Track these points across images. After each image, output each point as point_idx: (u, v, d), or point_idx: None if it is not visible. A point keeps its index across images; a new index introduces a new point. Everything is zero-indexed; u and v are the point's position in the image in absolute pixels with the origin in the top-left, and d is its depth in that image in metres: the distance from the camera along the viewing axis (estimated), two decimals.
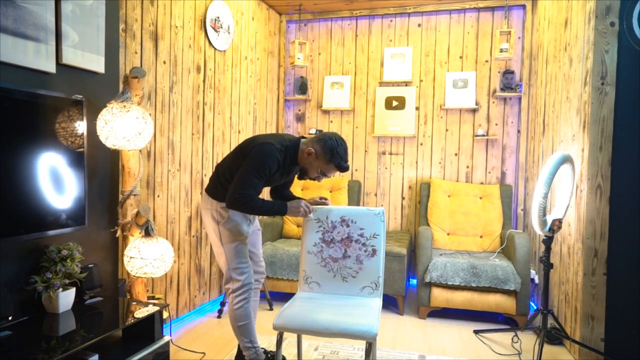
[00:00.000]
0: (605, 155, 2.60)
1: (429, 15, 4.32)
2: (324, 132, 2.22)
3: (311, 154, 2.14)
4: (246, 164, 2.07)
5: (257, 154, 2.07)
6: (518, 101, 4.10)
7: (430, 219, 3.92)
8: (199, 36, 3.22)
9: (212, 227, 2.23)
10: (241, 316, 2.24)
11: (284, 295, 3.75)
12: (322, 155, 2.13)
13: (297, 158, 2.20)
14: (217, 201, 2.19)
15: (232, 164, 2.17)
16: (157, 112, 2.81)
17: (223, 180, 2.18)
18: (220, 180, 2.19)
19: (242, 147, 2.19)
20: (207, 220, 2.25)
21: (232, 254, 2.21)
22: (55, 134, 1.89)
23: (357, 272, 2.23)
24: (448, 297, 3.29)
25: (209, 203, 2.22)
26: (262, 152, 2.07)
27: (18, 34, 1.76)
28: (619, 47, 2.56)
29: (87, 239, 2.14)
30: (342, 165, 2.15)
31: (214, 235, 2.23)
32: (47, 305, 1.90)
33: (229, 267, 2.22)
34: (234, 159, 2.19)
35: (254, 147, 2.09)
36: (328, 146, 2.12)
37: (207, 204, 2.24)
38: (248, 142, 2.18)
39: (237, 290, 2.23)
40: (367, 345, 1.91)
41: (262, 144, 2.09)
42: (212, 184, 2.24)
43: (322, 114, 4.59)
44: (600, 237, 2.61)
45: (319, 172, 2.20)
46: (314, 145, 2.15)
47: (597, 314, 2.62)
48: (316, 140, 2.16)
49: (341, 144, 2.15)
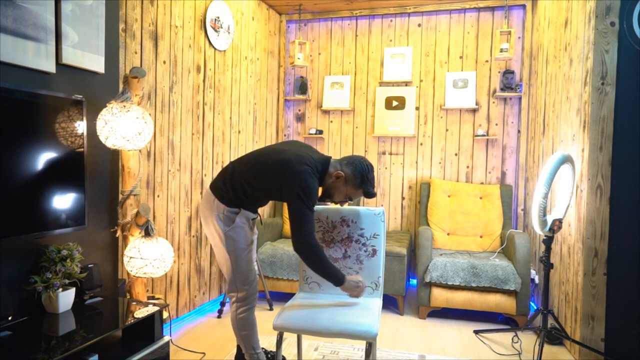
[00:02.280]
0: (605, 155, 2.60)
1: (429, 15, 4.31)
2: (352, 155, 2.11)
3: (340, 177, 2.04)
4: (294, 198, 1.90)
5: (299, 185, 1.90)
6: (518, 101, 4.10)
7: (430, 219, 3.92)
8: (199, 36, 3.22)
9: (216, 232, 2.08)
10: (245, 325, 2.17)
11: (284, 295, 3.75)
12: (351, 180, 2.04)
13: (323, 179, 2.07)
14: (225, 205, 2.05)
15: (257, 180, 2.03)
16: (157, 112, 2.81)
17: (239, 190, 2.04)
18: (236, 188, 2.05)
19: (269, 164, 2.00)
20: (211, 225, 2.10)
21: (238, 262, 2.09)
22: (55, 134, 1.89)
23: (357, 272, 2.23)
24: (448, 297, 3.29)
25: (214, 206, 2.07)
26: (307, 184, 1.91)
27: (18, 34, 1.76)
28: (619, 47, 2.56)
29: (87, 239, 2.14)
30: (371, 191, 2.07)
31: (218, 241, 2.09)
32: (47, 305, 1.90)
33: (234, 275, 2.11)
34: (258, 174, 2.03)
35: (293, 175, 1.92)
36: (359, 170, 2.03)
37: (211, 207, 2.08)
38: (280, 162, 1.97)
39: (242, 299, 2.15)
40: (367, 345, 1.91)
41: (302, 173, 1.92)
42: (224, 186, 2.07)
43: (322, 114, 4.59)
44: (600, 237, 2.61)
45: (344, 197, 2.09)
46: (343, 168, 2.05)
47: (597, 314, 2.62)
48: (346, 163, 2.06)
49: (371, 169, 2.07)
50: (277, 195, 2.08)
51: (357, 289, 2.05)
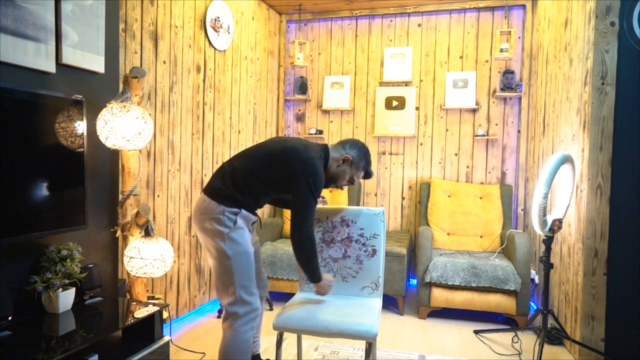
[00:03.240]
0: (605, 155, 2.60)
1: (429, 15, 4.31)
2: (349, 139, 2.14)
3: (347, 160, 2.05)
4: (300, 186, 1.87)
5: (308, 173, 1.87)
6: (518, 101, 4.10)
7: (430, 219, 3.92)
8: (199, 36, 3.22)
9: (216, 236, 1.90)
10: (245, 349, 1.91)
11: (284, 295, 3.75)
12: (357, 162, 2.07)
13: (327, 166, 2.06)
14: (225, 206, 1.90)
15: (264, 171, 1.94)
16: (157, 112, 2.81)
17: (243, 185, 1.93)
18: (239, 184, 1.93)
19: (276, 153, 1.95)
20: (209, 230, 1.92)
21: (241, 269, 1.90)
22: (55, 134, 1.89)
23: (357, 272, 2.23)
24: (448, 297, 3.29)
25: (211, 208, 1.91)
26: (317, 172, 1.89)
27: (18, 33, 1.76)
28: (619, 47, 2.56)
29: (87, 239, 2.14)
30: (370, 170, 2.12)
31: (220, 245, 1.89)
32: (47, 305, 1.90)
33: (237, 285, 1.89)
34: (264, 164, 1.95)
35: (302, 162, 1.88)
36: (363, 152, 2.07)
37: (208, 210, 1.92)
38: (285, 151, 1.94)
39: (245, 315, 1.90)
40: (367, 345, 1.91)
41: (311, 160, 1.90)
42: (222, 185, 1.94)
43: (322, 114, 4.59)
44: (600, 237, 2.61)
45: (348, 180, 2.11)
46: (348, 151, 2.07)
47: (597, 314, 2.62)
48: (349, 146, 2.08)
49: (369, 150, 2.13)
50: (282, 185, 1.97)
51: (327, 287, 2.07)
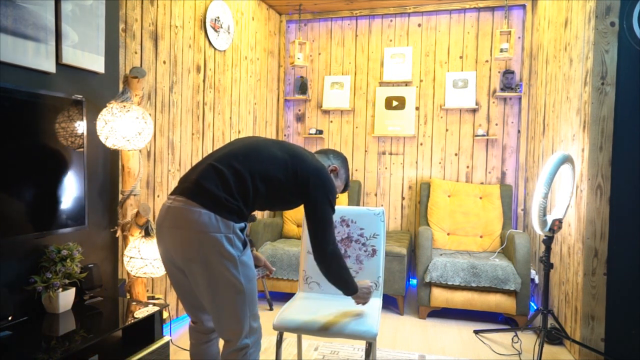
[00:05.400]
0: (605, 155, 2.60)
1: (429, 15, 4.31)
2: (328, 148, 1.94)
3: (335, 171, 1.86)
4: (318, 201, 1.65)
5: (329, 186, 1.69)
6: (518, 101, 4.10)
7: (430, 219, 3.92)
8: (199, 36, 3.22)
9: (226, 263, 1.49)
10: None
11: (284, 295, 3.75)
12: (342, 173, 1.89)
13: None
14: (234, 221, 1.51)
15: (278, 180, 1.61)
16: (157, 112, 2.81)
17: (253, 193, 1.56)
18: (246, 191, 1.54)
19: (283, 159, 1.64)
20: (214, 256, 1.48)
21: (252, 297, 1.59)
22: (55, 134, 1.89)
23: (357, 272, 2.23)
24: (448, 297, 3.29)
25: (220, 225, 1.48)
26: (332, 183, 1.72)
27: (18, 33, 1.76)
28: (619, 47, 2.56)
29: (87, 239, 2.14)
30: (350, 183, 1.97)
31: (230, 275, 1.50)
32: (47, 305, 1.90)
33: (249, 315, 1.57)
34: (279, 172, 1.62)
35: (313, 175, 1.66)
36: (345, 162, 1.91)
37: (215, 228, 1.47)
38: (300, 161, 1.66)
39: (255, 343, 1.62)
40: (367, 345, 1.91)
41: (325, 171, 1.72)
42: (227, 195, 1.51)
43: (322, 114, 4.59)
44: (600, 237, 2.61)
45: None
46: (333, 161, 1.87)
47: (597, 314, 2.62)
48: (333, 156, 1.88)
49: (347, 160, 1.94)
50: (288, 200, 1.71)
51: (367, 296, 1.90)
